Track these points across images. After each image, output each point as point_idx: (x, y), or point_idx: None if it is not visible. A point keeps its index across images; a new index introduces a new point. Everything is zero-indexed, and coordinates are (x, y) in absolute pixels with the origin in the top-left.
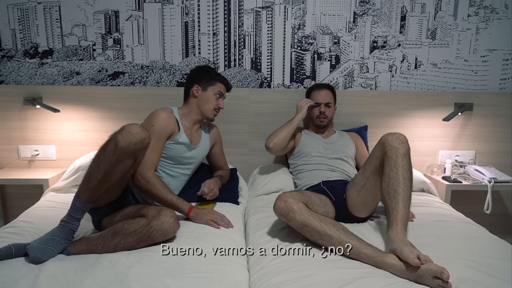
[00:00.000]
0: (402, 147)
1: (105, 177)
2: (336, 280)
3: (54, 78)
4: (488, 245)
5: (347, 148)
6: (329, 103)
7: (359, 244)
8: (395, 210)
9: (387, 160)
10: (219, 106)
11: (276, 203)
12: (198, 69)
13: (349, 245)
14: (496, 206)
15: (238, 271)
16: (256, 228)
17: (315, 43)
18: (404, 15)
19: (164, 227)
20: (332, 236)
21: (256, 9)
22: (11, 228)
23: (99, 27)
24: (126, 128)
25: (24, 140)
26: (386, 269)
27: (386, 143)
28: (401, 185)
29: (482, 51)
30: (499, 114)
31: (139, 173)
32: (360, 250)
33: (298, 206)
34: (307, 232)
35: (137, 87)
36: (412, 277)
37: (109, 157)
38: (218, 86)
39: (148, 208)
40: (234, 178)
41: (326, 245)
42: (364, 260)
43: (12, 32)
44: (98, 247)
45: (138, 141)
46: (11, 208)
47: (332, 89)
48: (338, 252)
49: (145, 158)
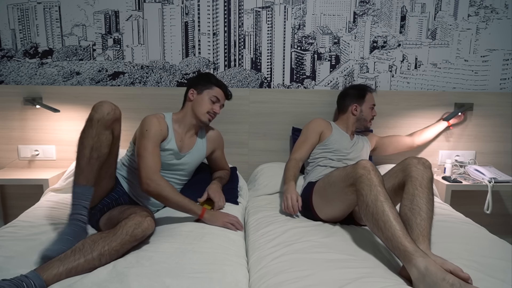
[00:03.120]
0: (428, 172)
1: (93, 153)
2: (336, 280)
3: (54, 78)
4: (488, 245)
5: (365, 151)
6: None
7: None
8: (420, 226)
9: (411, 181)
10: (214, 110)
11: (362, 160)
12: (198, 75)
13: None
14: (496, 206)
15: (238, 271)
16: (256, 228)
17: (315, 43)
18: (404, 15)
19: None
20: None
21: (256, 9)
22: (11, 228)
23: (99, 27)
24: (97, 104)
25: (24, 140)
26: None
27: (412, 165)
28: (426, 204)
29: (482, 51)
30: (499, 114)
31: (147, 178)
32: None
33: (379, 176)
34: (376, 191)
35: (137, 87)
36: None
37: (90, 133)
38: (215, 90)
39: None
40: (233, 178)
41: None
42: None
43: (12, 32)
44: (79, 262)
45: (110, 111)
46: (11, 208)
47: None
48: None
49: (147, 163)
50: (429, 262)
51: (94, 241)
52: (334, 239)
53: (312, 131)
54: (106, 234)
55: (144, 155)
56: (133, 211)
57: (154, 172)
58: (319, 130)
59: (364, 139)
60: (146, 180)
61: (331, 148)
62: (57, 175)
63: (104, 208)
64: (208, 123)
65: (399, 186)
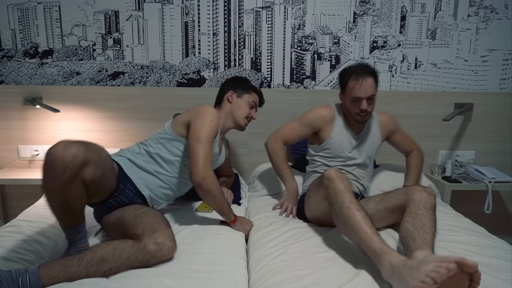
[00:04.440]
0: (432, 199)
1: (64, 206)
2: (335, 279)
3: (54, 78)
4: (488, 245)
5: (372, 149)
6: (373, 96)
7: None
8: (423, 237)
9: (414, 203)
10: (252, 115)
11: (329, 170)
12: (236, 77)
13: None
14: (496, 206)
15: (237, 271)
16: (257, 228)
17: (315, 43)
18: (404, 15)
19: (162, 253)
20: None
21: (256, 9)
22: (10, 227)
23: (99, 27)
24: (51, 151)
25: (24, 140)
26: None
27: (416, 190)
28: (430, 222)
29: (482, 51)
30: (499, 114)
31: (204, 171)
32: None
33: (346, 184)
34: (340, 198)
35: (137, 87)
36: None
37: (50, 190)
38: (253, 96)
39: (143, 227)
40: (236, 182)
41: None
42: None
43: (12, 32)
44: (79, 274)
45: (70, 161)
46: (11, 208)
47: (375, 76)
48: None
49: (207, 154)
50: (393, 257)
51: (103, 259)
52: (334, 239)
53: (308, 123)
54: (119, 253)
55: (205, 145)
56: (154, 223)
57: (211, 167)
58: (316, 126)
59: (375, 129)
60: (203, 174)
61: (330, 154)
62: None
63: (107, 209)
64: (245, 128)
65: (399, 208)
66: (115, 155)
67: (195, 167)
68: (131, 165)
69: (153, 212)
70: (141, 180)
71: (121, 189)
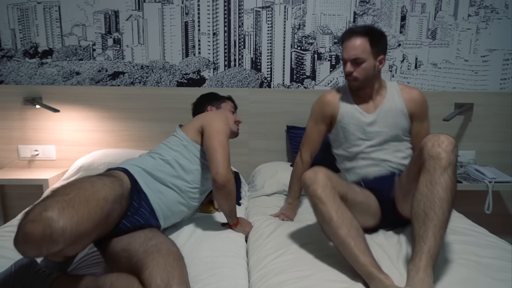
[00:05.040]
0: (445, 158)
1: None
2: (336, 280)
3: (54, 78)
4: (488, 245)
5: (397, 127)
6: (358, 59)
7: (358, 248)
8: (421, 240)
9: (423, 173)
10: (238, 119)
11: (306, 172)
12: (203, 95)
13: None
14: (496, 206)
15: (237, 273)
16: (257, 229)
17: (315, 43)
18: (404, 15)
19: None
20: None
21: (256, 9)
22: (9, 227)
23: (99, 27)
24: (21, 233)
25: (24, 140)
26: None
27: (424, 151)
28: (435, 208)
29: (482, 51)
30: (499, 114)
31: (228, 172)
32: (354, 252)
33: (325, 183)
34: (319, 211)
35: (137, 87)
36: None
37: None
38: (228, 103)
39: (153, 274)
40: (237, 181)
41: (330, 234)
42: (353, 264)
43: (12, 32)
44: None
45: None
46: (11, 208)
47: (367, 35)
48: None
49: (228, 157)
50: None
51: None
52: None
53: (317, 117)
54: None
55: (226, 146)
56: (165, 270)
57: (230, 168)
58: (325, 115)
59: (398, 104)
60: (228, 175)
61: (343, 140)
62: (57, 175)
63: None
64: (238, 132)
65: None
66: (129, 164)
67: (220, 167)
68: (148, 178)
69: (166, 247)
70: (159, 194)
71: (136, 207)
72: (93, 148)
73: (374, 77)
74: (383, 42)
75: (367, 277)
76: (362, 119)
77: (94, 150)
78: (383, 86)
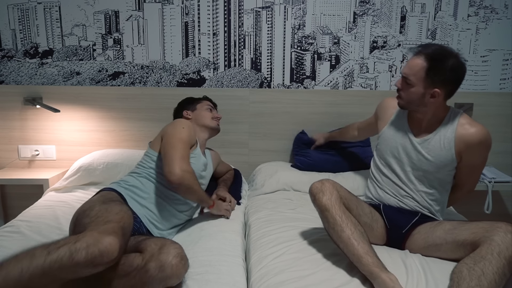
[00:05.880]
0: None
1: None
2: (336, 279)
3: (54, 78)
4: None
5: (437, 164)
6: (408, 80)
7: (362, 248)
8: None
9: (490, 244)
10: (216, 115)
11: (313, 183)
12: (181, 102)
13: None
14: (496, 206)
15: (235, 271)
16: (257, 228)
17: (315, 43)
18: (404, 15)
19: (165, 272)
20: (344, 229)
21: (256, 9)
22: (9, 227)
23: (99, 27)
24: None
25: (24, 140)
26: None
27: (500, 230)
28: (494, 275)
29: (482, 51)
30: (499, 114)
31: (181, 169)
32: (357, 253)
33: (331, 192)
34: (325, 217)
35: (137, 87)
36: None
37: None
38: (204, 102)
39: (147, 242)
40: (238, 180)
41: (335, 238)
42: (357, 264)
43: (12, 32)
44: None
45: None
46: (11, 208)
47: (430, 61)
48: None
49: (181, 153)
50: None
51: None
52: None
53: (376, 112)
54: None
55: (178, 146)
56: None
57: (188, 163)
58: (377, 114)
59: (448, 140)
60: (180, 172)
61: (380, 153)
62: (57, 175)
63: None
64: (219, 128)
65: (472, 245)
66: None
67: (171, 166)
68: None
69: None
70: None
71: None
72: (94, 148)
73: (423, 106)
74: (448, 75)
75: (370, 277)
76: (404, 141)
77: (95, 150)
78: (440, 116)
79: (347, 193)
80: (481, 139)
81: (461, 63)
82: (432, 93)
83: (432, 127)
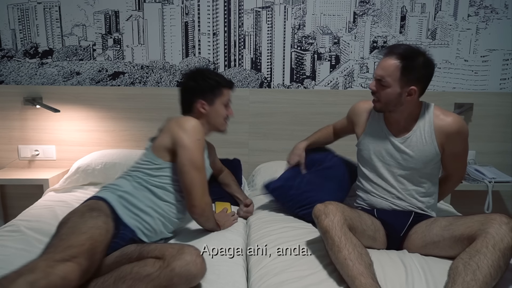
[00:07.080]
0: (509, 239)
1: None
2: (336, 279)
3: (54, 78)
4: None
5: (420, 160)
6: (383, 80)
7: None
8: (467, 284)
9: (485, 237)
10: (230, 114)
11: (316, 205)
12: (195, 76)
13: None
14: (496, 206)
15: (235, 271)
16: (257, 228)
17: (315, 43)
18: (404, 15)
19: (190, 269)
20: (341, 250)
21: (256, 9)
22: (9, 227)
23: (99, 27)
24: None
25: (24, 140)
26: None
27: (495, 222)
28: (489, 268)
29: (482, 51)
30: (499, 114)
31: (204, 202)
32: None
33: (334, 213)
34: (325, 239)
35: (137, 87)
36: None
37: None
38: (225, 94)
39: (162, 248)
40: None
41: (333, 259)
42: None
43: (12, 32)
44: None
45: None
46: (11, 208)
47: (403, 59)
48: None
49: (204, 183)
50: None
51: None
52: None
53: (348, 114)
54: (138, 270)
55: (202, 171)
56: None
57: (207, 193)
58: (350, 118)
59: (427, 134)
60: (202, 205)
61: (363, 160)
62: (57, 175)
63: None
64: (226, 130)
65: (469, 238)
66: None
67: (195, 200)
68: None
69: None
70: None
71: (115, 233)
72: (94, 148)
73: (400, 105)
74: (421, 72)
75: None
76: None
77: (94, 150)
78: (415, 113)
79: (353, 212)
80: (459, 127)
81: (431, 59)
82: (408, 91)
83: (409, 124)
